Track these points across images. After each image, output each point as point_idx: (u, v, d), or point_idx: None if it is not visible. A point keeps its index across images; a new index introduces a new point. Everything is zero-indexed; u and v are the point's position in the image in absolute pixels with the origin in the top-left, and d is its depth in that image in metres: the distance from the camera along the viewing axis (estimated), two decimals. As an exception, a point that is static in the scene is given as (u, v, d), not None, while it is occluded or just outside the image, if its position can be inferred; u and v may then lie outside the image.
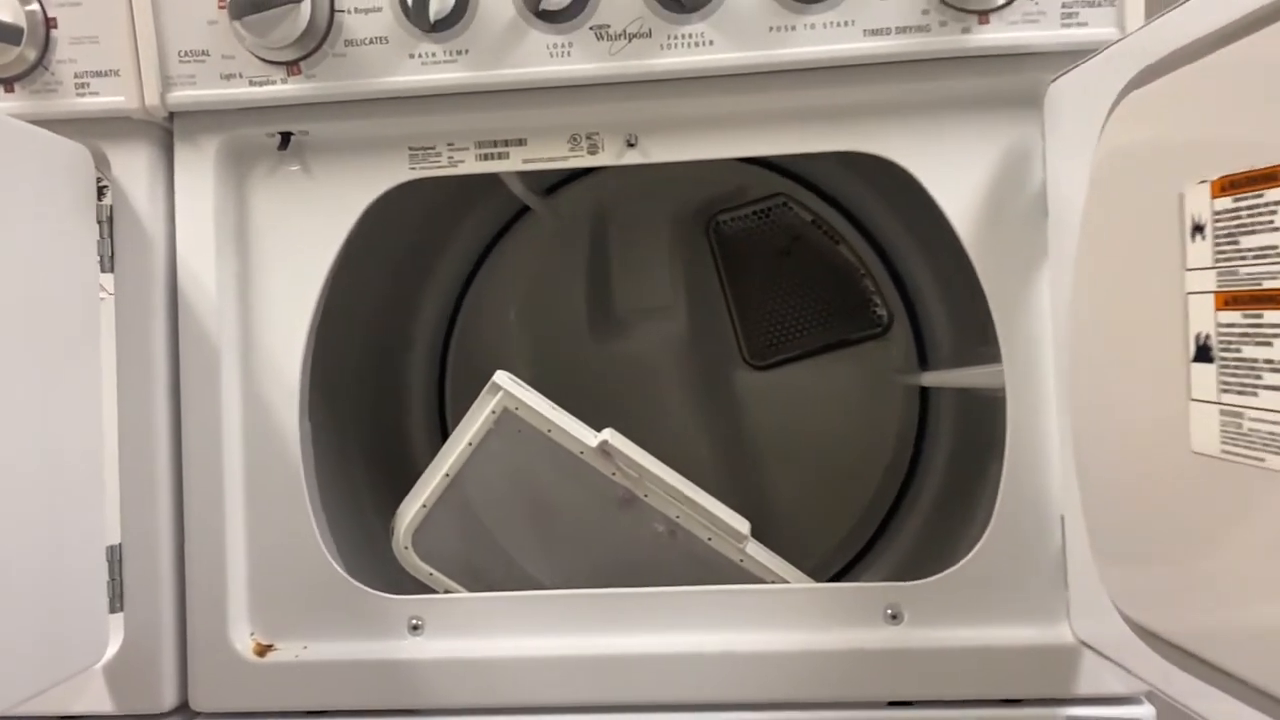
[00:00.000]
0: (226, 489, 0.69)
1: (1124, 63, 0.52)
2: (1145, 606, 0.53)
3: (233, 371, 0.70)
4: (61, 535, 0.62)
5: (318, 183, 0.70)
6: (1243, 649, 0.45)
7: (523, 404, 0.68)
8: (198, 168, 0.70)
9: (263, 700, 0.69)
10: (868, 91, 0.65)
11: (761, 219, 1.07)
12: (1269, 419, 0.41)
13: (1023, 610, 0.66)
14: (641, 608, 0.67)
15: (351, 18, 0.66)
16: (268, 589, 0.70)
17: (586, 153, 0.68)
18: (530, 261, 1.09)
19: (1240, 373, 0.43)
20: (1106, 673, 0.65)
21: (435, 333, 1.10)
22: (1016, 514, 0.66)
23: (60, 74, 0.68)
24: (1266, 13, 0.41)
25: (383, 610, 0.69)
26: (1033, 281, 0.65)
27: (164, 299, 0.70)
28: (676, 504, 0.69)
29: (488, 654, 0.67)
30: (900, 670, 0.66)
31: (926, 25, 0.62)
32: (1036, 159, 0.64)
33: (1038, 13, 0.62)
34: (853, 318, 1.06)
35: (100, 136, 0.69)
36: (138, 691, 0.69)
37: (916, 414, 1.05)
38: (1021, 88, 0.63)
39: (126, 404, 0.70)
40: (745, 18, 0.63)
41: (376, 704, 0.68)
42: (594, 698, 0.67)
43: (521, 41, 0.65)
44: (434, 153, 0.70)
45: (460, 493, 0.70)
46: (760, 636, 0.67)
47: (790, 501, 1.03)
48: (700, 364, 1.09)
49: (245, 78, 0.67)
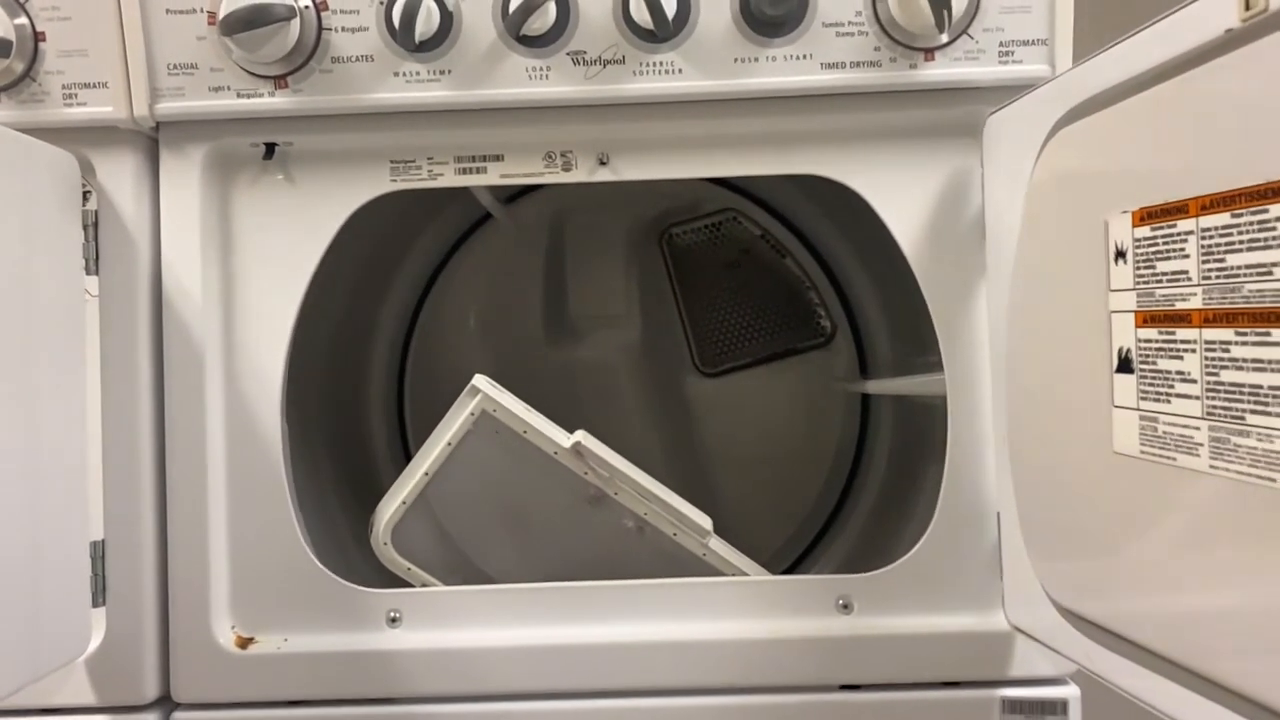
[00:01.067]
0: (209, 486, 0.72)
1: (1055, 101, 0.58)
2: (1073, 593, 0.59)
3: (216, 373, 0.73)
4: (45, 531, 0.64)
5: (301, 192, 0.73)
6: (1159, 627, 0.51)
7: (500, 406, 0.72)
8: (183, 176, 0.72)
9: (244, 691, 0.71)
10: (824, 120, 0.70)
11: (712, 232, 1.12)
12: (1180, 423, 0.47)
13: (962, 600, 0.71)
14: (611, 599, 0.72)
15: (339, 36, 0.69)
16: (249, 583, 0.72)
17: (561, 169, 0.72)
18: (489, 268, 1.13)
19: (1156, 383, 0.49)
20: (1037, 656, 0.71)
21: (395, 337, 1.13)
22: (956, 511, 0.72)
23: (48, 85, 0.70)
24: (1175, 64, 0.47)
25: (362, 603, 0.72)
26: (972, 297, 0.71)
27: (148, 301, 0.72)
28: (645, 502, 0.74)
29: (464, 644, 0.71)
30: (851, 656, 0.71)
31: (878, 61, 0.68)
32: (976, 184, 0.70)
33: (978, 50, 0.68)
34: (798, 328, 1.11)
35: (85, 144, 0.71)
36: (120, 684, 0.71)
37: (858, 419, 1.10)
38: (963, 119, 0.69)
39: (110, 403, 0.72)
40: (712, 48, 0.68)
41: (356, 693, 0.71)
42: (566, 684, 0.71)
43: (502, 63, 0.69)
44: (414, 166, 0.73)
45: (438, 490, 0.73)
46: (721, 625, 0.71)
47: (739, 502, 1.08)
48: (653, 371, 1.14)
49: (233, 90, 0.70)
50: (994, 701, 0.71)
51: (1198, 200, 0.45)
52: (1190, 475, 0.46)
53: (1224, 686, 0.46)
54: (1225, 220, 0.43)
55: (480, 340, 1.13)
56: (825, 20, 0.67)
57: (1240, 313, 0.43)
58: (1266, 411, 0.41)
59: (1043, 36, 0.67)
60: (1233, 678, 0.46)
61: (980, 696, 0.71)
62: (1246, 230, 0.42)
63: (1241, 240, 0.42)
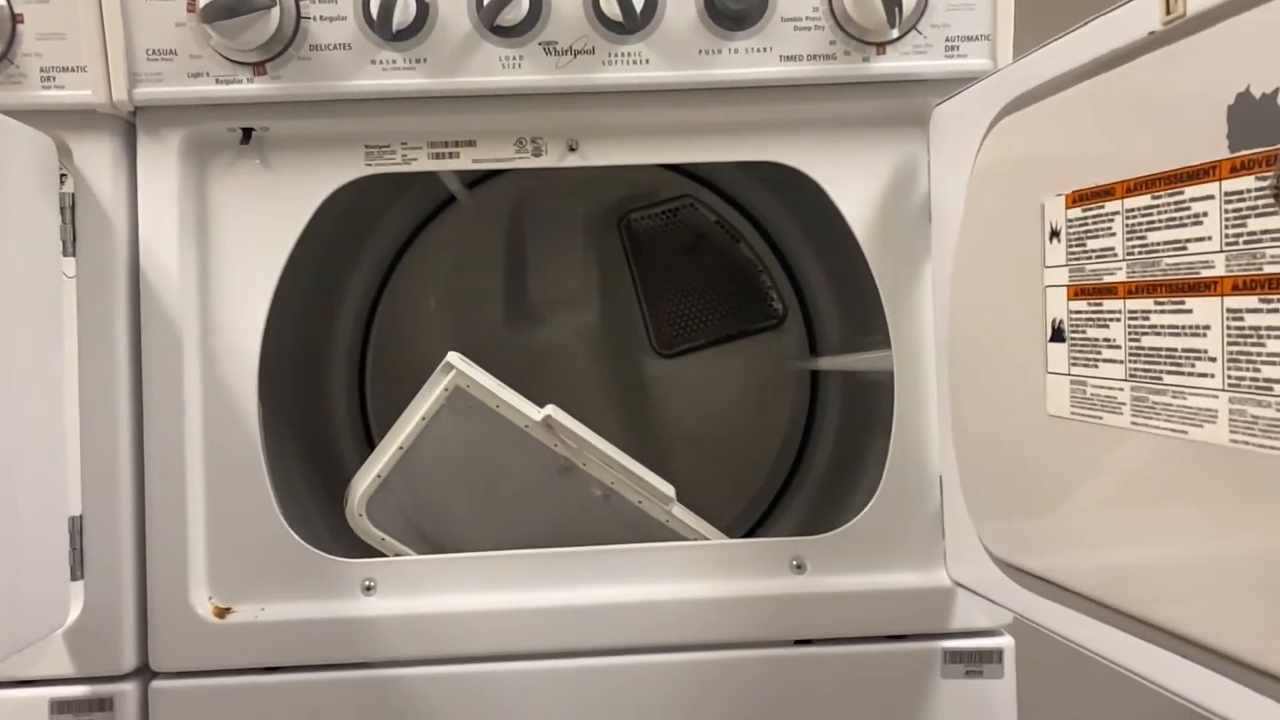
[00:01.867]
0: (187, 461, 0.74)
1: (996, 93, 0.63)
2: (1012, 547, 0.64)
3: (193, 351, 0.74)
4: (23, 506, 0.65)
5: (276, 176, 0.75)
6: (1090, 575, 0.56)
7: (474, 382, 0.75)
8: (161, 159, 0.74)
9: (222, 659, 0.74)
10: (782, 109, 0.74)
11: (670, 218, 1.15)
12: (1105, 386, 0.52)
13: (907, 559, 0.76)
14: (579, 565, 0.75)
15: (317, 24, 0.71)
16: (226, 555, 0.74)
17: (531, 155, 0.76)
18: (452, 250, 1.15)
19: (1085, 350, 0.54)
20: (976, 610, 0.76)
21: (358, 317, 1.14)
22: (902, 477, 0.77)
23: (25, 67, 0.71)
24: (1105, 61, 0.52)
25: (337, 573, 0.75)
26: (918, 277, 0.76)
27: (125, 282, 0.74)
28: (611, 471, 0.77)
29: (437, 610, 0.74)
30: (804, 613, 0.76)
31: (833, 54, 0.72)
32: (923, 171, 0.75)
33: (926, 45, 0.72)
34: (751, 310, 1.16)
35: (62, 127, 0.72)
36: (99, 654, 0.73)
37: (808, 396, 1.15)
38: (911, 110, 0.74)
39: (88, 381, 0.73)
40: (678, 40, 0.72)
41: (333, 658, 0.74)
42: (537, 646, 0.74)
43: (476, 52, 0.72)
44: (389, 151, 0.76)
45: (413, 463, 0.76)
46: (683, 586, 0.75)
47: (696, 476, 1.12)
48: (611, 352, 1.17)
49: (212, 76, 0.72)
50: (936, 652, 0.76)
51: (1123, 184, 0.50)
52: (1115, 432, 0.52)
53: (1149, 623, 0.51)
54: (1147, 201, 0.48)
55: (441, 320, 1.16)
56: (784, 15, 0.71)
57: (1159, 284, 0.48)
58: (1179, 371, 0.46)
59: (985, 32, 0.72)
60: (1158, 617, 0.51)
61: (924, 648, 0.76)
62: (1165, 210, 0.47)
63: (1160, 219, 0.47)
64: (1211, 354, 0.44)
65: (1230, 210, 0.43)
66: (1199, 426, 0.45)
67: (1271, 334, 0.41)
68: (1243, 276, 0.42)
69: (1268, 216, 0.41)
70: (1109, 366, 0.52)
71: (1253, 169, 0.41)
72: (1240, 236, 0.42)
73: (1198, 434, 0.46)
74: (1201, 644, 0.47)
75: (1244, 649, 0.44)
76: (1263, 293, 0.41)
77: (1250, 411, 0.42)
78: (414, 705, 0.73)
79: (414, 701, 0.73)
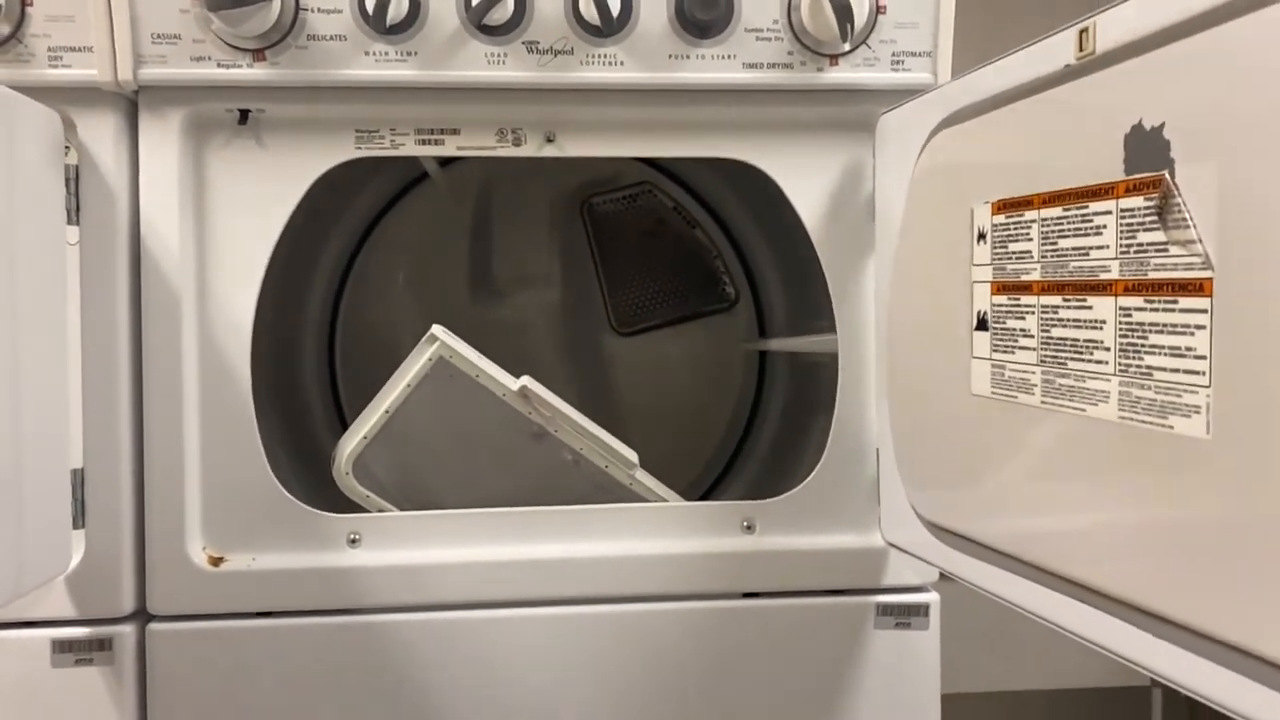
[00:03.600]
0: (184, 419, 0.79)
1: (935, 108, 0.71)
2: (939, 511, 0.73)
3: (190, 316, 0.79)
4: (27, 459, 0.70)
5: (271, 155, 0.80)
6: (1007, 533, 0.64)
7: (455, 353, 0.82)
8: (162, 136, 0.79)
9: (215, 604, 0.79)
10: (743, 112, 0.81)
11: (630, 203, 1.22)
12: (1020, 370, 0.60)
13: (845, 522, 0.85)
14: (549, 522, 0.82)
15: (315, 16, 0.76)
16: (220, 508, 0.80)
17: (512, 144, 0.82)
18: (420, 228, 1.21)
19: (1004, 338, 0.62)
20: (906, 569, 0.85)
21: (328, 290, 1.19)
22: (843, 449, 0.85)
23: (34, 47, 0.75)
24: (1029, 87, 0.60)
25: (325, 527, 0.81)
26: (862, 268, 0.84)
27: (126, 250, 0.79)
28: (580, 438, 0.84)
29: (418, 561, 0.81)
30: (753, 569, 0.83)
31: (790, 63, 0.79)
32: (869, 173, 0.83)
33: (874, 59, 0.80)
34: (705, 293, 1.23)
35: (68, 103, 0.76)
36: (99, 598, 0.78)
37: (756, 375, 1.23)
38: (860, 117, 0.81)
39: (89, 343, 0.78)
40: (651, 45, 0.78)
41: (319, 605, 0.80)
42: (509, 595, 0.81)
43: (464, 48, 0.77)
44: (378, 135, 0.81)
45: (397, 427, 0.82)
46: (644, 544, 0.83)
47: (651, 446, 1.20)
48: (572, 329, 1.24)
49: (214, 60, 0.77)
50: (870, 606, 0.84)
51: (1040, 196, 0.58)
52: (1028, 410, 0.60)
53: (1057, 574, 0.59)
54: (1059, 213, 0.56)
55: (409, 297, 1.21)
56: (747, 26, 0.78)
57: (1066, 284, 0.56)
58: (1080, 359, 0.55)
59: (928, 49, 0.80)
60: (1064, 570, 0.59)
61: (859, 602, 0.85)
62: (1072, 221, 0.55)
63: (1069, 229, 0.55)
64: (1106, 344, 0.53)
65: (1124, 224, 0.51)
66: (1095, 405, 0.54)
67: (1153, 329, 0.49)
68: (1132, 280, 0.51)
69: (1152, 231, 0.49)
70: (1023, 353, 0.60)
71: (1143, 190, 0.50)
72: (1131, 246, 0.51)
73: (1094, 411, 0.54)
74: (1098, 590, 0.56)
75: (1127, 591, 0.53)
76: (1147, 294, 0.50)
77: (1134, 393, 0.51)
78: (395, 649, 0.80)
79: (395, 645, 0.80)
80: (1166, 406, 0.49)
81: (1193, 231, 0.46)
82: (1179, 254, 0.47)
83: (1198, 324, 0.46)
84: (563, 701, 0.82)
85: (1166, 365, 0.48)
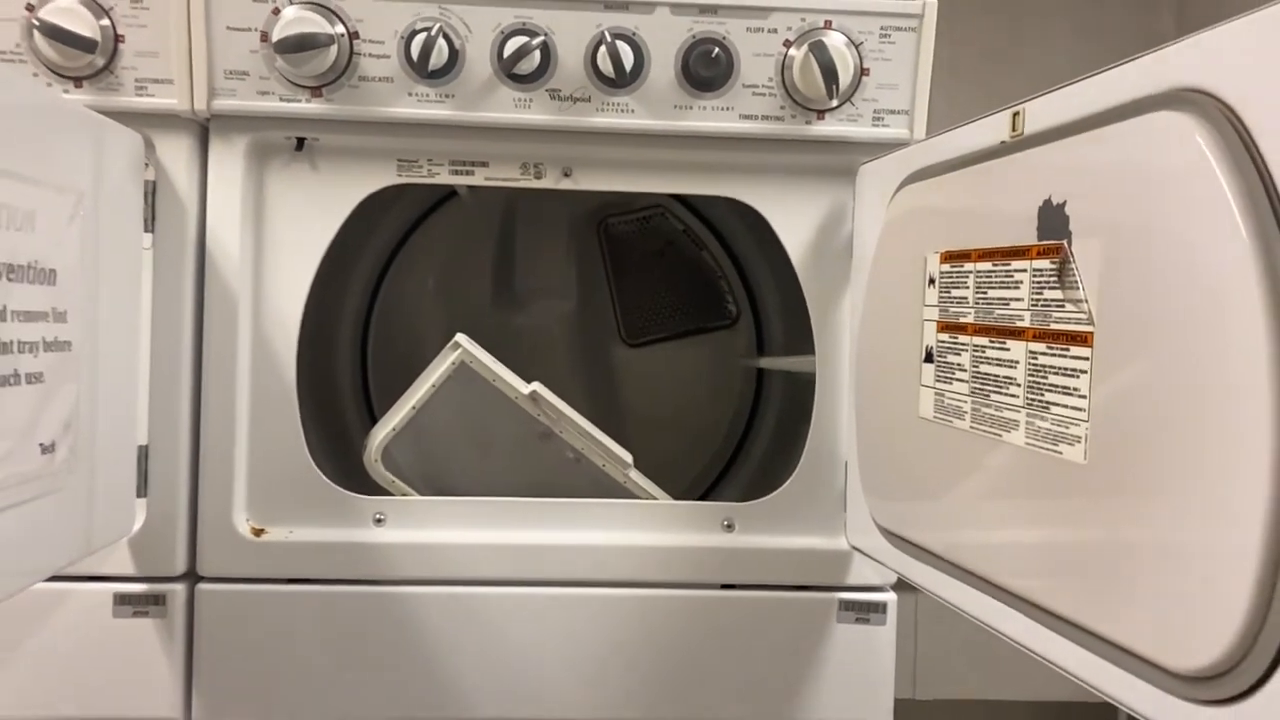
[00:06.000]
0: (237, 406, 0.90)
1: (902, 165, 0.81)
2: (893, 519, 0.83)
3: (246, 315, 0.91)
4: (102, 435, 0.81)
5: (323, 178, 0.91)
6: (943, 540, 0.74)
7: (475, 359, 0.92)
8: (228, 158, 0.90)
9: (257, 569, 0.90)
10: (739, 156, 0.92)
11: (643, 225, 1.33)
12: (956, 398, 0.70)
13: (815, 526, 0.95)
14: (552, 512, 0.93)
15: (366, 60, 0.87)
16: (263, 485, 0.91)
17: (534, 177, 0.93)
18: (448, 241, 1.32)
19: (945, 370, 0.72)
20: (868, 570, 0.95)
21: (362, 296, 1.31)
22: (817, 461, 0.95)
23: (123, 78, 0.87)
24: (972, 157, 0.70)
25: (354, 507, 0.92)
26: (840, 299, 0.94)
27: (193, 255, 0.90)
28: (582, 439, 0.95)
29: (435, 541, 0.91)
30: (731, 563, 0.94)
31: (782, 116, 0.89)
32: (849, 215, 0.93)
33: (857, 115, 0.90)
34: (709, 310, 1.34)
35: (148, 127, 0.88)
36: (156, 559, 0.89)
37: (753, 389, 1.34)
38: (843, 165, 0.92)
39: (158, 336, 0.89)
40: (658, 96, 0.89)
41: (347, 575, 0.91)
42: (515, 574, 0.92)
43: (494, 93, 0.88)
44: (417, 165, 0.92)
45: (421, 422, 0.93)
46: (635, 535, 0.93)
47: (652, 450, 1.30)
48: (584, 338, 1.35)
49: (276, 95, 0.88)
50: (834, 601, 0.94)
51: (976, 251, 0.68)
52: (960, 433, 0.70)
53: (981, 577, 0.69)
54: (989, 267, 0.66)
55: (437, 303, 1.32)
56: (745, 82, 0.88)
57: (991, 328, 0.66)
58: (1000, 392, 0.65)
59: (906, 108, 0.90)
60: (987, 573, 0.69)
61: (825, 597, 0.95)
62: (999, 275, 0.65)
63: (996, 281, 0.65)
64: (1018, 381, 0.63)
65: (1035, 281, 0.61)
66: (1009, 432, 0.64)
67: (1051, 370, 0.59)
68: (1039, 329, 0.61)
69: (1054, 289, 0.59)
70: (959, 384, 0.70)
71: (1049, 255, 0.60)
72: (1039, 301, 0.60)
73: (1008, 437, 0.64)
74: (1011, 590, 0.66)
75: (1030, 591, 0.63)
76: (1049, 342, 0.60)
77: (1037, 423, 0.61)
78: (411, 617, 0.91)
79: (411, 613, 0.91)
80: (1058, 436, 0.58)
81: (1081, 292, 0.56)
82: (1071, 310, 0.57)
83: (1081, 369, 0.56)
84: (557, 669, 0.92)
85: (1059, 401, 0.58)
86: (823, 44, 0.85)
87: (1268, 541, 0.45)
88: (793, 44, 0.87)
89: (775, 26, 0.87)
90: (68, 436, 0.73)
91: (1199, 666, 0.48)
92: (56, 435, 0.70)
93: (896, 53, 0.88)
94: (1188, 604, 0.49)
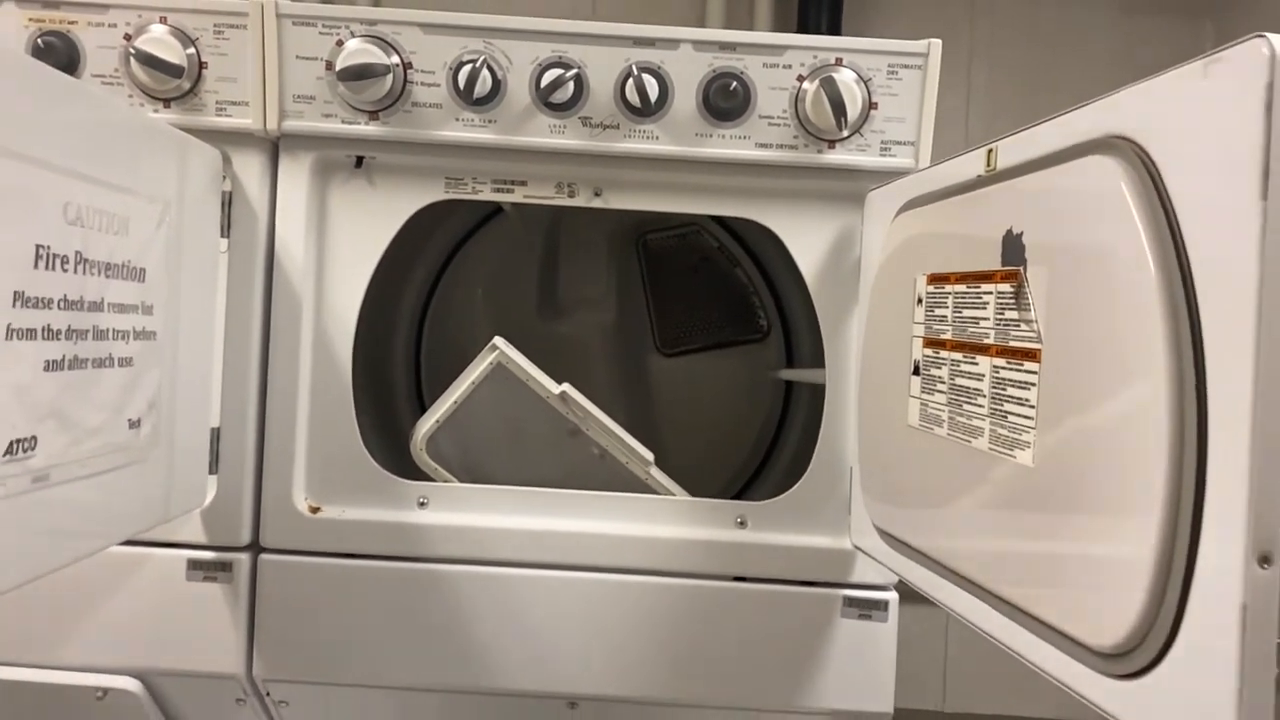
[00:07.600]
0: (299, 396, 1.00)
1: (901, 194, 0.88)
2: (887, 520, 0.89)
3: (309, 314, 1.01)
4: (181, 416, 0.91)
5: (379, 192, 1.01)
6: (928, 539, 0.81)
7: (511, 360, 1.01)
8: (296, 173, 1.00)
9: (313, 543, 1.00)
10: (755, 181, 0.99)
11: (679, 241, 1.41)
12: (936, 408, 0.77)
13: (822, 526, 1.02)
14: (579, 503, 1.01)
15: (419, 88, 0.97)
16: (320, 468, 1.01)
17: (567, 196, 1.01)
18: (496, 253, 1.41)
19: (929, 382, 0.79)
20: (871, 569, 1.01)
21: (418, 300, 1.41)
22: (826, 466, 1.02)
23: (205, 100, 0.98)
24: (955, 189, 0.77)
25: (401, 490, 1.01)
26: (848, 316, 1.01)
27: (262, 259, 1.00)
28: (607, 437, 1.03)
29: (472, 524, 1.00)
30: (742, 557, 1.01)
31: (795, 145, 0.97)
32: (857, 237, 1.00)
33: (865, 145, 0.97)
34: (741, 324, 1.41)
35: (226, 143, 0.99)
36: (225, 530, 1.00)
37: (782, 399, 1.41)
38: (852, 191, 0.99)
39: (231, 330, 0.99)
40: (681, 125, 0.97)
41: (392, 552, 1.00)
42: (543, 559, 1.00)
43: (533, 120, 0.97)
44: (463, 182, 1.01)
45: (461, 416, 1.02)
46: (655, 528, 1.01)
47: (685, 454, 1.38)
48: (622, 346, 1.43)
49: (339, 117, 0.98)
50: (838, 598, 1.01)
51: (955, 274, 0.75)
52: (940, 440, 0.76)
53: (958, 573, 0.76)
54: (964, 289, 0.73)
55: (485, 310, 1.42)
56: (761, 113, 0.96)
57: (966, 344, 0.73)
58: (970, 402, 0.71)
59: (911, 139, 0.97)
60: (967, 571, 0.76)
61: (830, 593, 1.01)
62: (971, 296, 0.72)
63: (969, 302, 0.72)
64: (984, 393, 0.69)
65: (999, 303, 0.68)
66: (976, 439, 0.70)
67: (1009, 383, 0.66)
68: (1000, 346, 0.67)
69: (1013, 310, 0.66)
70: (939, 395, 0.77)
71: (1009, 279, 0.66)
72: (1002, 320, 0.67)
73: (976, 444, 0.71)
74: (980, 585, 0.72)
75: (990, 583, 0.69)
76: (1008, 358, 0.66)
77: (998, 430, 0.67)
78: (449, 591, 1.00)
79: (449, 588, 1.00)
80: (1014, 442, 0.65)
81: (1033, 313, 0.63)
82: (1025, 330, 0.64)
83: (1031, 381, 0.63)
84: (580, 646, 1.01)
85: (1015, 411, 0.65)
86: (833, 79, 0.93)
87: (1160, 550, 0.51)
88: (805, 79, 0.95)
89: (790, 63, 0.95)
90: (151, 415, 0.83)
91: (1110, 644, 0.55)
92: (142, 413, 0.81)
93: (903, 88, 0.95)
94: (1102, 593, 0.55)
